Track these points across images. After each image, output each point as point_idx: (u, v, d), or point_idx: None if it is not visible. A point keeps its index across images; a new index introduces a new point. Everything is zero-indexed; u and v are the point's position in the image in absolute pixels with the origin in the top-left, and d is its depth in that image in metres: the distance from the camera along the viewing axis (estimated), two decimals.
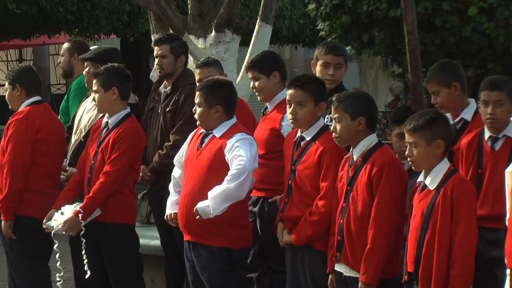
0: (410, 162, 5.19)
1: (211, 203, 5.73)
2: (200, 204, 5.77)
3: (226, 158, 5.88)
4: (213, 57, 8.04)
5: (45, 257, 7.01)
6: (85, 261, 6.44)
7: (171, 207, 6.22)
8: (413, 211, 5.20)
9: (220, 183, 5.80)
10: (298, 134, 5.90)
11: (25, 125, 6.85)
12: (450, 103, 6.01)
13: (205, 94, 6.05)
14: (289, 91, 5.90)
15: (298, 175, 5.81)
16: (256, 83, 6.57)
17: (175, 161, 6.32)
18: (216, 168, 5.87)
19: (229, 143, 5.92)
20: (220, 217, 5.93)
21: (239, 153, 5.84)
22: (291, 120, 5.89)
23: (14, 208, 6.79)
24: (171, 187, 6.29)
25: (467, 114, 5.93)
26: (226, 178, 5.75)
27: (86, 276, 6.46)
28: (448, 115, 5.88)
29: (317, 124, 5.86)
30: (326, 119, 6.17)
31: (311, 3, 9.95)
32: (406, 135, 5.17)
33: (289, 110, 5.89)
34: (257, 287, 6.61)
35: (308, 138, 5.84)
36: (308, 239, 5.76)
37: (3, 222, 6.82)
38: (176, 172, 6.27)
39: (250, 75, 6.66)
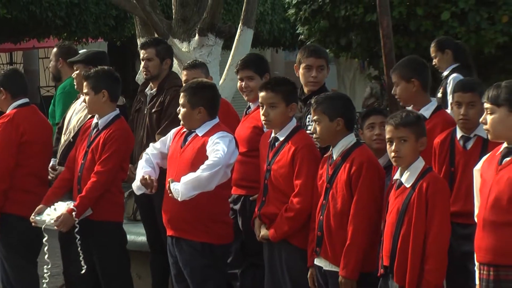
0: (394, 158, 5.16)
1: (182, 188, 5.74)
2: (173, 185, 5.77)
3: (207, 153, 5.89)
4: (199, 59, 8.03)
5: (34, 253, 6.99)
6: (81, 256, 6.43)
7: (143, 171, 6.11)
8: (389, 207, 5.19)
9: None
10: (273, 135, 5.91)
11: (10, 128, 6.82)
12: (407, 97, 6.01)
13: (189, 95, 6.05)
14: (261, 94, 5.90)
15: (273, 174, 5.81)
16: (250, 83, 6.56)
17: (154, 145, 6.30)
18: (199, 165, 5.86)
19: (211, 139, 5.93)
20: (203, 213, 5.95)
21: (217, 148, 5.85)
22: (264, 122, 5.91)
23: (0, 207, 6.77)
24: (142, 161, 6.22)
25: (427, 111, 5.92)
26: (201, 167, 5.76)
27: (82, 271, 6.45)
28: (409, 108, 5.90)
29: (289, 125, 5.86)
30: (307, 119, 6.18)
31: (291, 8, 9.96)
32: (393, 131, 5.14)
33: (261, 112, 5.90)
34: (241, 283, 6.61)
35: (281, 139, 5.84)
36: (284, 235, 5.76)
37: None
38: (151, 150, 6.26)
39: (242, 74, 6.61)
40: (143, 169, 6.13)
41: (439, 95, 8.37)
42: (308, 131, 6.09)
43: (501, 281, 4.57)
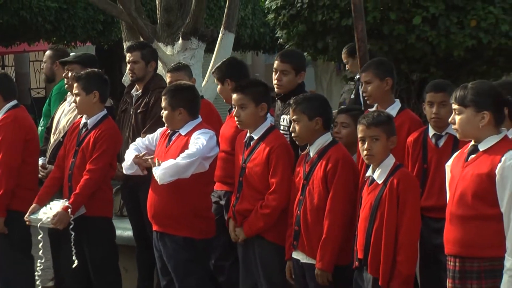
0: (366, 156, 5.17)
1: (160, 173, 5.83)
2: (155, 170, 5.85)
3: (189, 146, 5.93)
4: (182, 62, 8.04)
5: (30, 247, 6.99)
6: (74, 252, 6.43)
7: (133, 153, 6.17)
8: (362, 203, 5.22)
9: (188, 179, 5.87)
10: (248, 134, 5.92)
11: (14, 127, 6.83)
12: (378, 95, 6.01)
13: (169, 98, 6.08)
14: (233, 96, 5.93)
15: (248, 172, 5.82)
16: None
17: (142, 139, 6.33)
18: None
19: (192, 136, 5.98)
20: (186, 209, 5.98)
21: (197, 141, 5.91)
22: (237, 122, 5.93)
23: (7, 205, 6.76)
24: (131, 149, 6.25)
25: (393, 111, 5.92)
26: (180, 155, 5.83)
27: (74, 266, 6.45)
28: (374, 107, 5.94)
29: (264, 125, 5.87)
30: (282, 119, 6.20)
31: (270, 13, 9.95)
32: (365, 130, 5.16)
33: (234, 113, 5.92)
34: (228, 275, 6.63)
35: (256, 138, 5.86)
36: (259, 231, 5.77)
37: None
38: (139, 142, 6.29)
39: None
40: (132, 153, 6.16)
41: (352, 96, 8.47)
42: (280, 131, 6.12)
43: (466, 272, 4.59)
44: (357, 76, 8.25)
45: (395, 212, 5.05)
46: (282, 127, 6.15)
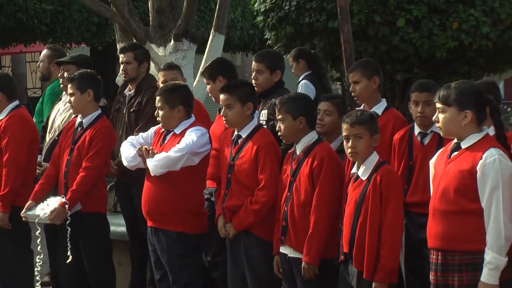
0: (351, 154, 5.18)
1: (152, 165, 5.90)
2: (148, 161, 5.91)
3: None
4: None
5: (29, 242, 6.98)
6: (69, 247, 6.43)
7: (130, 147, 6.18)
8: (348, 199, 5.23)
9: (180, 174, 5.90)
10: (236, 132, 5.91)
11: (21, 126, 6.84)
12: (366, 95, 6.03)
13: (166, 96, 6.06)
14: (220, 96, 5.93)
15: (237, 169, 5.81)
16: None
17: (135, 137, 6.33)
18: None
19: (186, 133, 6.00)
20: (179, 205, 5.98)
21: (188, 137, 5.93)
22: (224, 121, 5.93)
23: (12, 202, 6.75)
24: (126, 144, 6.25)
25: (378, 109, 5.96)
26: (172, 149, 5.88)
27: (68, 261, 6.45)
28: (362, 107, 5.96)
29: (251, 124, 5.87)
30: (261, 114, 6.21)
31: (259, 15, 9.94)
32: (349, 129, 5.16)
33: (221, 113, 5.93)
34: (222, 270, 6.63)
35: (244, 136, 5.86)
36: (248, 226, 5.77)
37: (0, 214, 6.77)
38: (133, 139, 6.29)
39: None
40: (129, 149, 6.16)
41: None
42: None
43: (448, 265, 4.62)
44: (300, 79, 8.38)
45: (379, 207, 5.06)
46: (260, 121, 6.17)
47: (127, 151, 6.16)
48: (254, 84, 6.30)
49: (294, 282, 5.54)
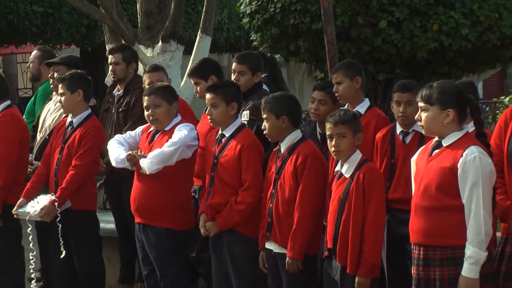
0: (334, 153, 5.19)
1: (147, 162, 5.86)
2: (142, 161, 5.88)
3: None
4: (159, 64, 8.02)
5: (20, 239, 6.95)
6: (61, 243, 6.42)
7: (124, 150, 6.12)
8: (332, 196, 5.23)
9: (169, 171, 5.89)
10: (219, 132, 5.90)
11: (13, 126, 6.81)
12: (349, 95, 6.04)
13: (163, 94, 6.06)
14: (206, 95, 5.91)
15: (220, 167, 5.79)
16: (198, 87, 6.59)
17: (123, 136, 6.30)
18: None
19: (176, 129, 6.00)
20: (167, 202, 5.96)
21: (179, 132, 5.94)
22: (209, 120, 5.92)
23: (3, 199, 6.72)
24: (113, 142, 6.22)
25: (361, 108, 5.98)
26: (165, 144, 5.86)
27: (62, 256, 6.44)
28: (345, 107, 5.97)
29: (235, 123, 5.85)
30: (242, 115, 6.21)
31: (245, 17, 9.92)
32: (332, 128, 5.17)
33: (207, 112, 5.91)
34: (207, 266, 6.63)
35: (227, 135, 5.84)
36: (234, 225, 5.74)
37: None
38: (118, 136, 6.27)
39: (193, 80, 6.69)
40: (117, 147, 6.14)
41: None
42: None
43: (429, 259, 4.62)
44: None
45: (361, 204, 5.07)
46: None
47: (116, 151, 6.13)
48: None
49: (279, 277, 5.54)
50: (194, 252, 6.50)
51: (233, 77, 6.38)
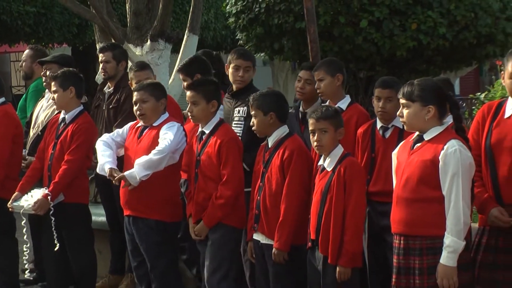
0: (317, 147, 5.19)
1: (136, 169, 5.80)
2: (127, 172, 5.82)
3: (159, 140, 5.90)
4: (146, 62, 7.98)
5: (14, 232, 6.92)
6: (55, 235, 6.40)
7: (107, 159, 6.05)
8: (315, 188, 5.24)
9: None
10: (200, 129, 5.87)
11: (5, 122, 6.76)
12: (331, 91, 6.03)
13: (151, 90, 6.02)
14: (187, 93, 5.88)
15: (203, 164, 5.76)
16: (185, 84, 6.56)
17: (110, 135, 6.25)
18: None
19: (162, 129, 5.96)
20: (156, 195, 5.93)
21: (166, 136, 5.88)
22: (190, 116, 5.89)
23: None
24: (100, 144, 6.15)
25: (343, 104, 5.98)
26: (152, 152, 5.81)
27: (56, 248, 6.42)
28: (327, 103, 5.96)
29: (213, 120, 5.82)
30: (235, 112, 6.17)
31: (231, 17, 9.91)
32: (315, 123, 5.17)
33: (188, 109, 5.89)
34: (188, 255, 6.60)
35: (207, 132, 5.81)
36: (218, 220, 5.70)
37: None
38: (105, 136, 6.21)
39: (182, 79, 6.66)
40: (103, 152, 6.08)
41: None
42: (234, 122, 6.10)
43: (410, 249, 4.63)
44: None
45: (342, 196, 5.07)
46: (237, 118, 6.15)
47: (101, 158, 6.07)
48: (239, 81, 6.22)
49: (266, 267, 5.53)
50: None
51: (239, 73, 6.26)
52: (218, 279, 5.66)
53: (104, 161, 6.03)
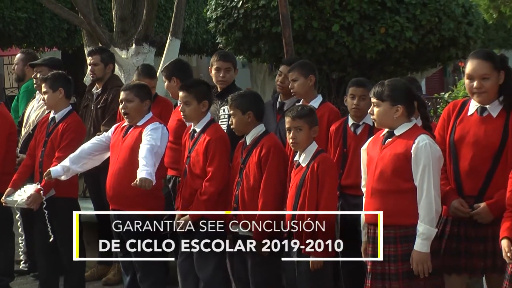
0: (292, 144, 5.18)
1: (145, 170, 5.49)
2: (141, 175, 5.48)
3: (142, 139, 5.84)
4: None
5: (11, 225, 6.89)
6: (49, 228, 6.36)
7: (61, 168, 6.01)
8: (290, 183, 5.23)
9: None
10: (192, 127, 5.84)
11: (0, 122, 6.71)
12: (303, 91, 6.06)
13: (137, 90, 5.98)
14: (179, 93, 5.85)
15: (192, 161, 5.73)
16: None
17: (100, 137, 6.18)
18: (137, 150, 5.81)
19: (145, 129, 5.89)
20: (140, 189, 5.85)
21: (150, 137, 5.78)
22: (182, 116, 5.86)
23: None
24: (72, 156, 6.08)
25: (315, 103, 6.00)
26: (142, 154, 5.60)
27: (50, 240, 6.39)
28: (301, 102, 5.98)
29: (204, 119, 5.79)
30: (221, 111, 6.15)
31: (211, 22, 9.90)
32: (290, 122, 5.15)
33: (180, 108, 5.85)
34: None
35: (198, 130, 5.78)
36: (202, 215, 5.61)
37: None
38: (86, 145, 6.14)
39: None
40: (66, 161, 6.04)
41: None
42: (220, 120, 6.09)
43: (384, 238, 4.64)
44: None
45: (315, 190, 5.06)
46: (223, 116, 6.14)
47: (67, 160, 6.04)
48: (221, 81, 6.19)
49: (245, 257, 5.48)
50: None
51: (220, 74, 6.23)
52: (210, 271, 5.63)
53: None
